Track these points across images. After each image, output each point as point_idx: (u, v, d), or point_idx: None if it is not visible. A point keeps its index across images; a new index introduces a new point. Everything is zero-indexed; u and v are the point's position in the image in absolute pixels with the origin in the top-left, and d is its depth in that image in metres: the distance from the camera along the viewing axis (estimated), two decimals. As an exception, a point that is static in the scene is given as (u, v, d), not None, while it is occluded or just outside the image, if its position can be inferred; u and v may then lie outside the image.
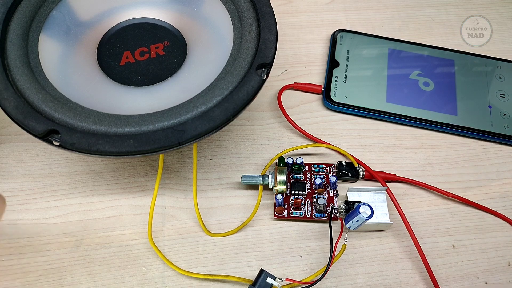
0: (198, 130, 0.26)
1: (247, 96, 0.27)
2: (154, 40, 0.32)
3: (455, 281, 0.32)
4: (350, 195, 0.34)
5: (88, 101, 0.28)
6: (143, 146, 0.25)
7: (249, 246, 0.33)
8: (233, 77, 0.28)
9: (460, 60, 0.42)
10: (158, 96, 0.30)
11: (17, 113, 0.26)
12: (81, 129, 0.26)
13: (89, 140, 0.25)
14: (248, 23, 0.30)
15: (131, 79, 0.31)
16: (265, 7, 0.31)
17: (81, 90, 0.29)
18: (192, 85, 0.30)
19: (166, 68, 0.31)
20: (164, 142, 0.25)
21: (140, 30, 0.33)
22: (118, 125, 0.26)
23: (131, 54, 0.32)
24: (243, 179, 0.34)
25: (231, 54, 0.30)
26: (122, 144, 0.25)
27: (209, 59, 0.31)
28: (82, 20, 0.32)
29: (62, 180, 0.35)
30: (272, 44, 0.29)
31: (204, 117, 0.26)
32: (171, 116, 0.26)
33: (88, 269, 0.32)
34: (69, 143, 0.25)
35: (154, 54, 0.32)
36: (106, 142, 0.25)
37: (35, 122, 0.26)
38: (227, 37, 0.31)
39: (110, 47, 0.32)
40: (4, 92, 0.27)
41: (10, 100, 0.26)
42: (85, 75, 0.31)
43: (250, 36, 0.30)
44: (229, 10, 0.32)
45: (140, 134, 0.26)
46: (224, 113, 0.26)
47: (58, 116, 0.26)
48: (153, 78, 0.31)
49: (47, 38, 0.30)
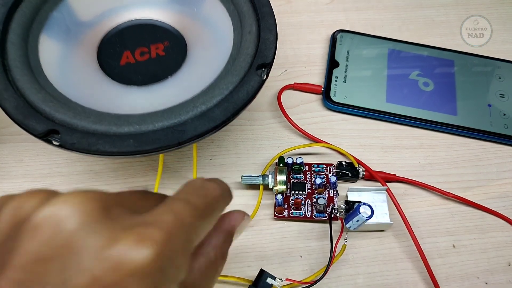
0: (198, 130, 0.26)
1: (247, 96, 0.27)
2: (154, 40, 0.32)
3: (455, 281, 0.32)
4: (350, 195, 0.34)
5: (88, 101, 0.28)
6: (143, 146, 0.25)
7: (249, 246, 0.33)
8: (233, 77, 0.28)
9: (460, 60, 0.42)
10: (158, 95, 0.30)
11: (17, 113, 0.26)
12: (81, 128, 0.26)
13: (89, 140, 0.25)
14: (248, 23, 0.30)
15: (131, 78, 0.31)
16: (265, 8, 0.31)
17: (81, 90, 0.29)
18: (192, 85, 0.29)
19: (166, 68, 0.31)
20: (164, 142, 0.25)
21: (140, 31, 0.33)
22: (118, 125, 0.26)
23: (131, 54, 0.32)
24: (243, 179, 0.34)
25: (231, 54, 0.30)
26: (122, 144, 0.25)
27: (209, 59, 0.31)
28: (82, 20, 0.32)
29: (62, 180, 0.35)
30: (272, 44, 0.29)
31: (204, 117, 0.26)
32: (171, 115, 0.26)
33: (88, 269, 0.32)
34: (69, 143, 0.25)
35: (154, 54, 0.32)
36: (106, 142, 0.25)
37: (35, 122, 0.26)
38: (227, 37, 0.31)
39: (110, 47, 0.32)
40: (4, 92, 0.27)
41: (10, 100, 0.26)
42: (85, 75, 0.31)
43: (250, 37, 0.30)
44: (229, 11, 0.32)
45: (140, 134, 0.25)
46: (224, 113, 0.26)
47: (58, 116, 0.26)
48: (153, 78, 0.31)
49: (47, 38, 0.30)
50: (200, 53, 0.32)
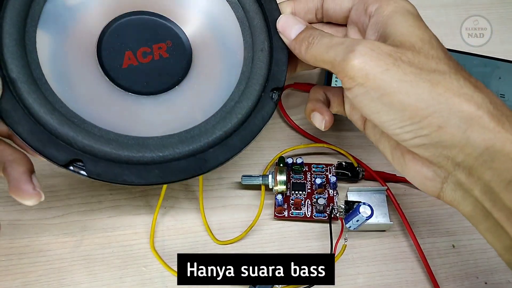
0: (220, 159, 0.27)
1: (263, 123, 0.29)
2: (156, 39, 0.30)
3: (455, 281, 0.32)
4: (350, 195, 0.34)
5: (100, 118, 0.27)
6: (169, 177, 0.26)
7: (249, 246, 0.33)
8: (248, 101, 0.28)
9: (460, 60, 0.41)
10: (168, 107, 0.29)
11: (33, 139, 0.24)
12: (103, 155, 0.25)
13: (115, 171, 0.25)
14: (259, 38, 0.30)
15: (136, 85, 0.29)
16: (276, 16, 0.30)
17: (89, 104, 0.27)
18: (204, 100, 0.29)
19: (171, 73, 0.30)
20: (188, 172, 0.26)
21: (140, 27, 0.30)
22: (140, 151, 0.26)
23: (133, 55, 0.29)
24: (243, 179, 0.34)
25: (242, 71, 0.30)
26: (148, 175, 0.25)
27: (217, 70, 0.31)
28: (76, 13, 0.29)
29: (62, 181, 0.35)
30: (284, 66, 0.30)
31: (224, 146, 0.27)
32: (191, 141, 0.27)
33: (88, 269, 0.32)
34: (95, 174, 0.25)
35: (158, 56, 0.30)
36: (132, 173, 0.25)
37: (55, 150, 0.24)
38: (236, 47, 0.31)
39: (110, 46, 0.29)
40: (14, 113, 0.24)
41: (23, 124, 0.24)
42: (89, 83, 0.28)
43: (262, 55, 0.30)
44: (239, 18, 0.31)
45: (164, 162, 0.26)
46: (243, 141, 0.28)
47: (79, 142, 0.25)
48: (160, 84, 0.29)
49: (43, 36, 0.27)
50: (207, 60, 0.31)
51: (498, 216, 0.23)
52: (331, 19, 0.31)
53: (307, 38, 0.27)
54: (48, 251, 0.32)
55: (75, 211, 0.34)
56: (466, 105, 0.22)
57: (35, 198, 0.24)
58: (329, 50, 0.26)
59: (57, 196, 0.34)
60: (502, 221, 0.23)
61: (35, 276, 0.31)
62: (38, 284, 0.31)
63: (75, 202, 0.34)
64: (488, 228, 0.25)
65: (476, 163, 0.23)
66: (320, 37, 0.27)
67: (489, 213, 0.24)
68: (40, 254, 0.32)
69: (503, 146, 0.22)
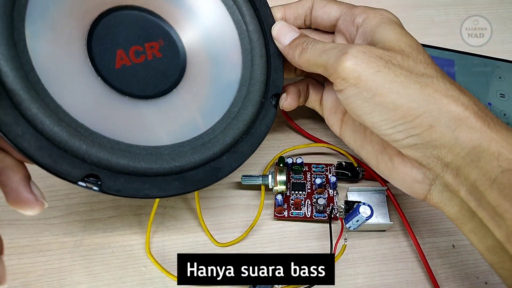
0: (233, 166, 0.28)
1: (267, 130, 0.30)
2: (148, 38, 0.29)
3: (455, 281, 0.32)
4: (350, 195, 0.34)
5: (105, 127, 0.25)
6: (188, 187, 0.26)
7: (249, 246, 0.33)
8: (252, 107, 0.29)
9: (460, 60, 0.42)
10: (171, 114, 0.29)
11: (43, 156, 0.21)
12: (120, 169, 0.24)
13: (135, 185, 0.24)
14: (257, 44, 0.30)
15: (132, 87, 0.27)
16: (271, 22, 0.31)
17: (91, 111, 0.25)
18: (204, 104, 0.30)
19: (166, 74, 0.29)
20: (206, 181, 0.27)
21: (130, 23, 0.28)
22: (156, 162, 0.25)
23: (125, 53, 0.28)
24: (243, 179, 0.34)
25: (242, 76, 0.30)
26: (169, 187, 0.25)
27: (214, 73, 0.30)
28: (63, 4, 0.26)
29: (62, 180, 0.35)
30: (281, 72, 0.31)
31: (235, 153, 0.28)
32: (204, 149, 0.27)
33: (88, 269, 0.32)
34: (114, 190, 0.23)
35: (151, 56, 0.29)
36: (153, 186, 0.25)
37: (68, 165, 0.22)
38: (232, 51, 0.31)
39: (101, 44, 0.27)
40: (16, 127, 0.21)
41: (28, 138, 0.21)
42: (85, 86, 0.26)
43: (262, 61, 0.30)
44: (235, 21, 0.31)
45: (181, 172, 0.26)
46: (252, 148, 0.29)
47: (92, 156, 0.23)
48: (156, 87, 0.28)
49: (32, 32, 0.23)
50: (202, 62, 0.30)
51: (482, 216, 0.24)
52: (318, 26, 0.33)
53: (301, 44, 0.28)
54: (48, 251, 0.32)
55: (75, 211, 0.34)
56: (454, 105, 0.23)
57: (37, 208, 0.23)
58: (322, 54, 0.27)
59: (57, 196, 0.34)
60: (486, 221, 0.23)
61: (35, 276, 0.31)
62: (38, 284, 0.31)
63: (75, 202, 0.34)
64: (472, 229, 0.25)
65: (463, 162, 0.23)
66: (314, 43, 0.28)
67: (474, 213, 0.24)
68: (40, 254, 0.32)
69: (488, 146, 0.23)
